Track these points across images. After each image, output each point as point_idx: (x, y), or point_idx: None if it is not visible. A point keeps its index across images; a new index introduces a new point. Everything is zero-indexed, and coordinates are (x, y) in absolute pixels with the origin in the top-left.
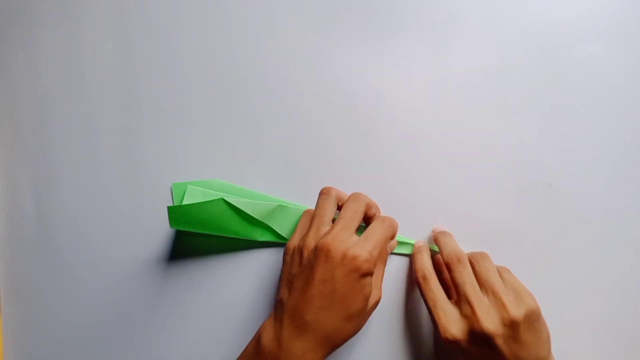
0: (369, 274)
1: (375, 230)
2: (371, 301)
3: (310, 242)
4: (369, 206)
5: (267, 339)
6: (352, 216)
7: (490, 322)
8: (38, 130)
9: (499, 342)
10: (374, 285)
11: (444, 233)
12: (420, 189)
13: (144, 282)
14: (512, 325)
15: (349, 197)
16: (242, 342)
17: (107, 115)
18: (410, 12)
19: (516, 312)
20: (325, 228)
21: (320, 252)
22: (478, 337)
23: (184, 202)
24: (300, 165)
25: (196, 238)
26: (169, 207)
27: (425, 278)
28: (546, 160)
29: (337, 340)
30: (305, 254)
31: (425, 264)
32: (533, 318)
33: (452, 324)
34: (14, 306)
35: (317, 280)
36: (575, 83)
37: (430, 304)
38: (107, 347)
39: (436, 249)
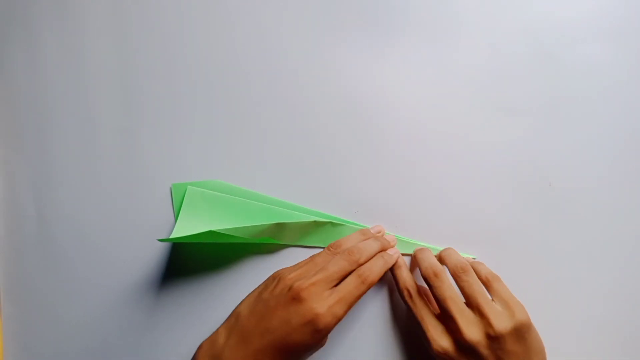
0: (325, 332)
1: (347, 287)
2: (316, 349)
3: (290, 280)
4: (362, 264)
5: (209, 349)
6: (336, 272)
7: (473, 334)
8: (38, 130)
9: (485, 352)
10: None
11: (421, 250)
12: (421, 189)
13: (144, 282)
14: (498, 339)
15: (345, 251)
16: None
17: (107, 115)
18: (411, 12)
19: (501, 325)
20: (313, 274)
21: (290, 293)
22: (465, 348)
23: (184, 204)
24: (300, 165)
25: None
26: (159, 239)
27: (409, 294)
28: (546, 160)
29: None
30: (280, 286)
31: (406, 280)
32: (522, 330)
33: (441, 336)
34: (14, 306)
35: (276, 316)
36: (575, 83)
37: (418, 318)
38: (107, 347)
39: (439, 248)
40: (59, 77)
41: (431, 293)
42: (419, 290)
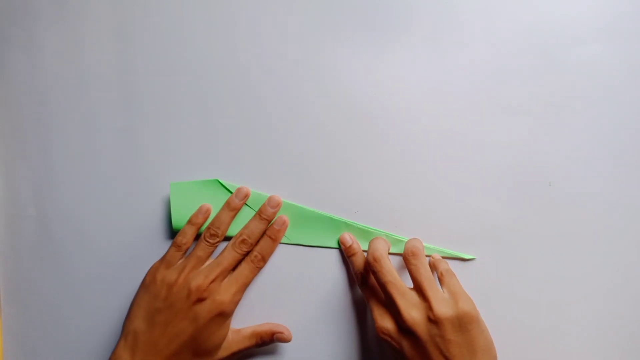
0: (231, 315)
1: (242, 273)
2: (235, 346)
3: (185, 282)
4: (257, 246)
5: None
6: (231, 264)
7: (412, 316)
8: (38, 130)
9: (424, 336)
10: (240, 332)
11: (375, 238)
12: (421, 189)
13: None
14: (437, 323)
15: (233, 242)
16: None
17: (107, 115)
18: (411, 13)
19: (441, 310)
20: (200, 268)
21: (193, 294)
22: (405, 330)
23: (171, 200)
24: (300, 165)
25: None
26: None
27: (360, 280)
28: (546, 160)
29: None
30: (175, 290)
31: (357, 267)
32: (465, 320)
33: (383, 317)
34: (14, 306)
35: (182, 319)
36: (575, 83)
37: (367, 302)
38: (106, 347)
39: (438, 248)
40: (59, 77)
41: (374, 278)
42: (369, 275)
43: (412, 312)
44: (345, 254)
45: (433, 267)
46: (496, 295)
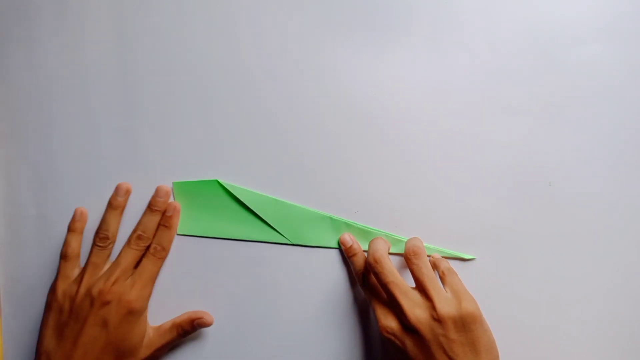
0: (142, 312)
1: (146, 268)
2: (157, 342)
3: (84, 289)
4: (155, 238)
5: None
6: (130, 262)
7: (416, 315)
8: (38, 130)
9: (428, 335)
10: (160, 328)
11: (375, 238)
12: (421, 189)
13: None
14: (440, 323)
15: (131, 237)
16: (243, 340)
17: (107, 115)
18: (411, 13)
19: (445, 309)
20: (99, 274)
21: (97, 300)
22: (409, 329)
23: (175, 199)
24: (300, 165)
25: (196, 238)
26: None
27: (361, 280)
28: (546, 160)
29: None
30: (78, 300)
31: (357, 266)
32: (468, 320)
33: (386, 317)
34: (14, 306)
35: (91, 326)
36: (575, 83)
37: (369, 301)
38: None
39: (438, 248)
40: (59, 77)
41: (376, 279)
42: (370, 275)
43: (416, 311)
44: (345, 254)
45: (434, 266)
46: (496, 295)
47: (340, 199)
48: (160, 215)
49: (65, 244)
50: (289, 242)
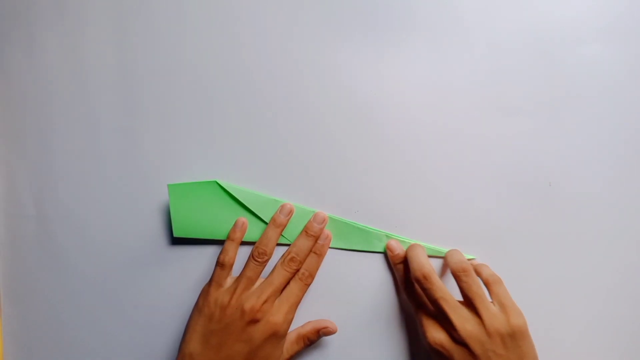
0: (284, 335)
1: (292, 292)
2: (285, 355)
3: (237, 303)
4: (305, 264)
5: None
6: (282, 284)
7: (467, 330)
8: (38, 130)
9: (478, 350)
10: (286, 341)
11: (412, 247)
12: (421, 189)
13: (143, 283)
14: (490, 339)
15: (285, 258)
16: None
17: (107, 115)
18: (411, 13)
19: (494, 326)
20: (251, 289)
21: (246, 315)
22: (459, 343)
23: (171, 202)
24: (300, 165)
25: (197, 239)
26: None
27: (406, 291)
28: (546, 160)
29: None
30: (229, 312)
31: (402, 276)
32: (516, 336)
33: (435, 329)
34: (14, 306)
35: (236, 340)
36: (575, 83)
37: (414, 313)
38: (106, 347)
39: (438, 248)
40: (59, 77)
41: (424, 294)
42: (415, 286)
43: (467, 326)
44: (390, 260)
45: (477, 272)
46: None
47: (340, 199)
48: (314, 240)
49: (223, 251)
50: (288, 243)
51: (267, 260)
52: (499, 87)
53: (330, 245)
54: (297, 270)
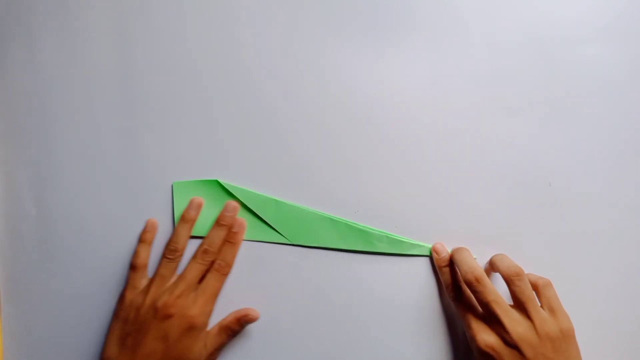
0: (203, 327)
1: (209, 284)
2: (209, 348)
3: (150, 301)
4: (220, 254)
5: None
6: (195, 275)
7: (519, 333)
8: (38, 130)
9: (529, 353)
10: (209, 334)
11: (459, 250)
12: (421, 189)
13: None
14: (542, 342)
15: (198, 251)
16: (244, 338)
17: (107, 114)
18: (412, 13)
19: (545, 330)
20: (166, 286)
21: (160, 312)
22: (510, 346)
23: (175, 201)
24: (300, 165)
25: (198, 237)
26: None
27: (453, 293)
28: (546, 160)
29: None
30: (143, 311)
31: (448, 279)
32: (566, 341)
33: (486, 332)
34: (14, 306)
35: (151, 339)
36: (575, 83)
37: (461, 316)
38: None
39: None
40: (59, 77)
41: (474, 297)
42: (463, 288)
43: (519, 329)
44: (436, 263)
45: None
46: None
47: (340, 199)
48: (226, 230)
49: (135, 254)
50: (288, 242)
51: (179, 257)
52: (499, 87)
53: (331, 246)
54: (213, 263)
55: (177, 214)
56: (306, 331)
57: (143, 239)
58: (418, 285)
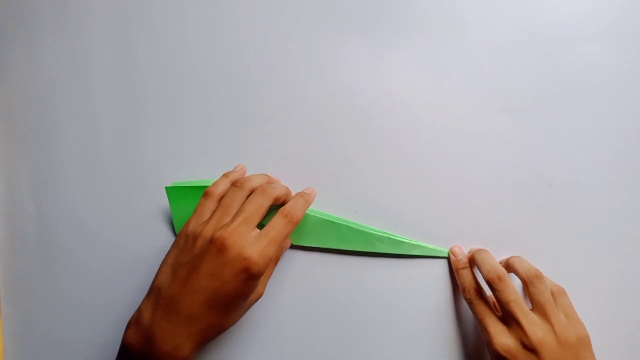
0: (259, 276)
1: (274, 227)
2: (253, 298)
3: (207, 232)
4: (277, 199)
5: (136, 331)
6: (255, 211)
7: (538, 335)
8: (38, 130)
9: (547, 356)
10: (259, 284)
11: (479, 251)
12: (421, 189)
13: (144, 283)
14: (560, 346)
15: (256, 189)
16: (244, 340)
17: (107, 115)
18: (412, 14)
19: (564, 335)
20: (227, 220)
21: (214, 245)
22: (527, 349)
23: (171, 205)
24: (300, 165)
25: None
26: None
27: (471, 294)
28: (546, 160)
29: (211, 334)
30: (199, 242)
31: (467, 280)
32: (583, 347)
33: (503, 334)
34: (14, 306)
35: (203, 274)
36: (575, 83)
37: (479, 317)
38: (107, 347)
39: (438, 248)
40: (59, 77)
41: (494, 296)
42: (480, 290)
43: (537, 332)
44: (453, 266)
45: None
46: None
47: (340, 198)
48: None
49: (214, 184)
50: (302, 245)
51: (246, 189)
52: (499, 87)
53: (331, 247)
54: (273, 201)
55: (175, 216)
56: (307, 332)
57: (227, 175)
58: (420, 286)
